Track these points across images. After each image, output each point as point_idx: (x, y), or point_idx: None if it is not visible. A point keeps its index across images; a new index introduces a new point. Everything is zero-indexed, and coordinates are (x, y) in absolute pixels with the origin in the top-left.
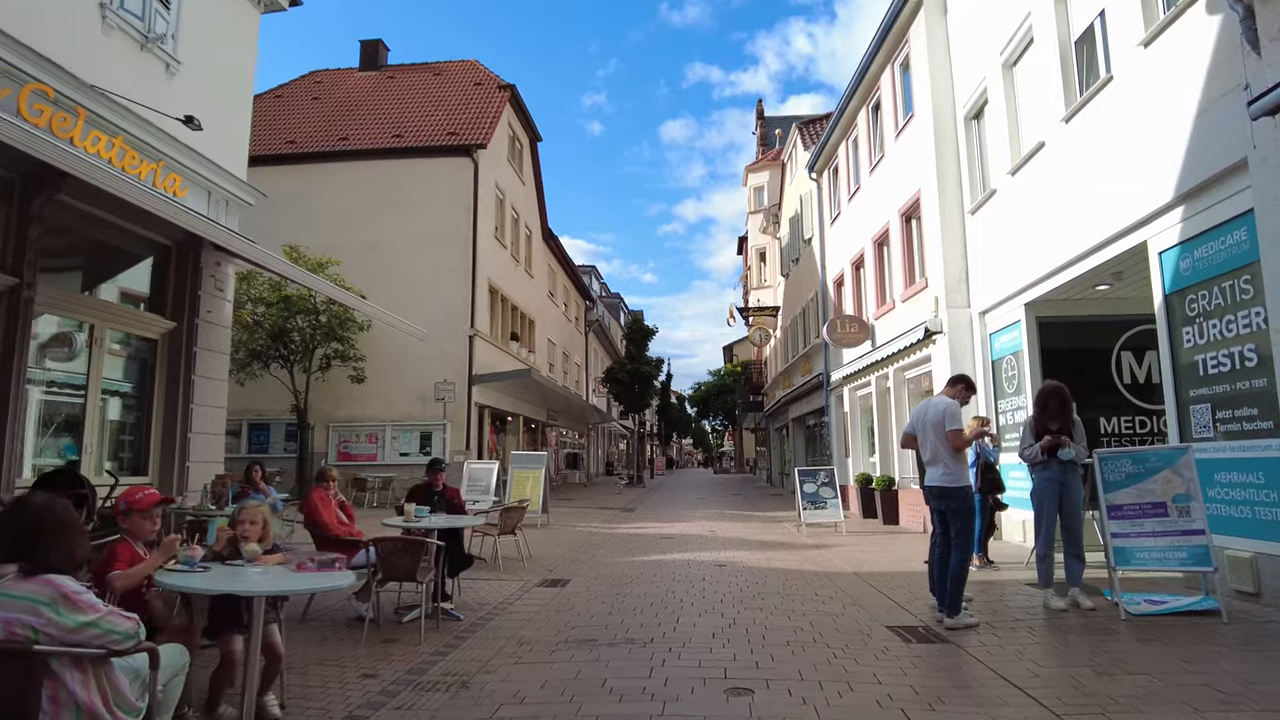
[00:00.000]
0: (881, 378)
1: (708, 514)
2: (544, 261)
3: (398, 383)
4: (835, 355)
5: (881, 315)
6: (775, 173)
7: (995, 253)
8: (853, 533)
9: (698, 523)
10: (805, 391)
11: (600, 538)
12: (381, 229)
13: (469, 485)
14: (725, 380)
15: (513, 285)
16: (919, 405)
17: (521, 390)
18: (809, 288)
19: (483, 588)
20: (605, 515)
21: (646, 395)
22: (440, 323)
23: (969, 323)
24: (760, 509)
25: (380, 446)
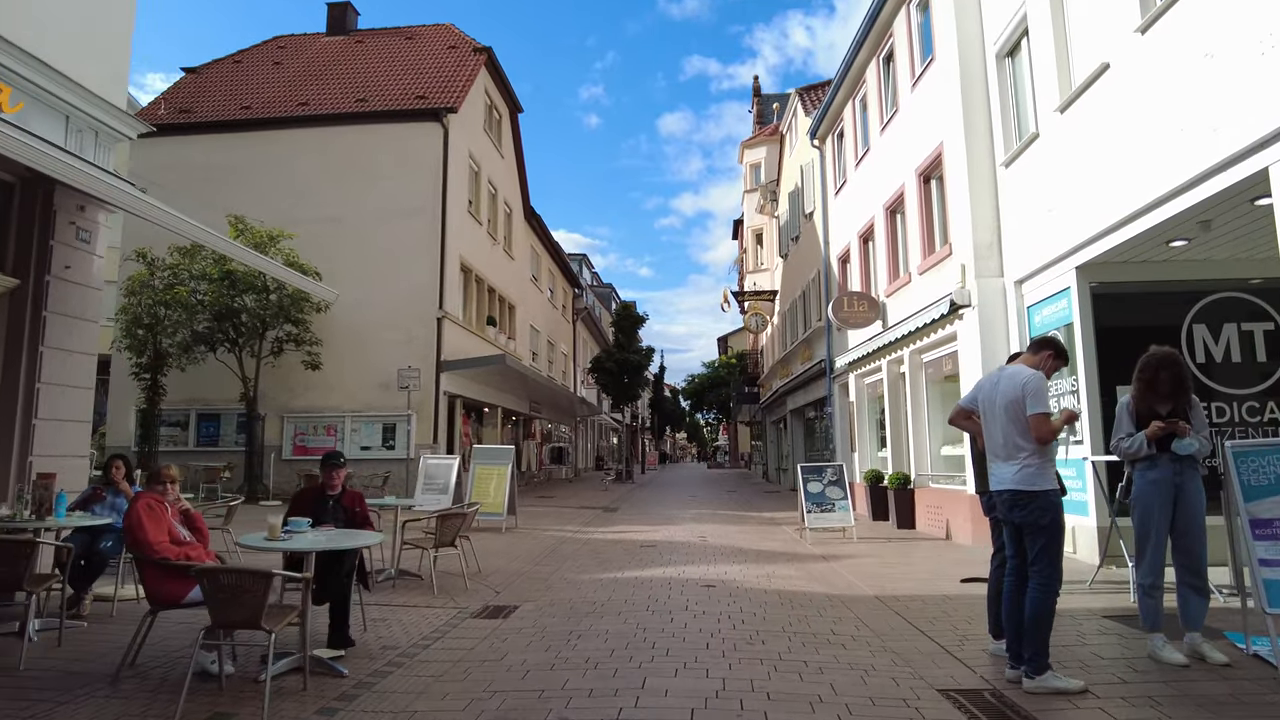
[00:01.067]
0: (894, 362)
1: (698, 515)
2: (526, 243)
3: (359, 369)
4: (840, 339)
5: (894, 291)
6: (773, 148)
7: (1036, 209)
8: (864, 539)
9: (686, 526)
10: (805, 380)
11: (571, 545)
12: (342, 201)
13: (425, 484)
14: (719, 372)
15: (489, 265)
16: (988, 375)
17: (499, 379)
18: (810, 267)
19: (402, 619)
20: (584, 516)
21: (636, 386)
22: (406, 304)
23: (1002, 294)
24: (756, 509)
25: (340, 439)
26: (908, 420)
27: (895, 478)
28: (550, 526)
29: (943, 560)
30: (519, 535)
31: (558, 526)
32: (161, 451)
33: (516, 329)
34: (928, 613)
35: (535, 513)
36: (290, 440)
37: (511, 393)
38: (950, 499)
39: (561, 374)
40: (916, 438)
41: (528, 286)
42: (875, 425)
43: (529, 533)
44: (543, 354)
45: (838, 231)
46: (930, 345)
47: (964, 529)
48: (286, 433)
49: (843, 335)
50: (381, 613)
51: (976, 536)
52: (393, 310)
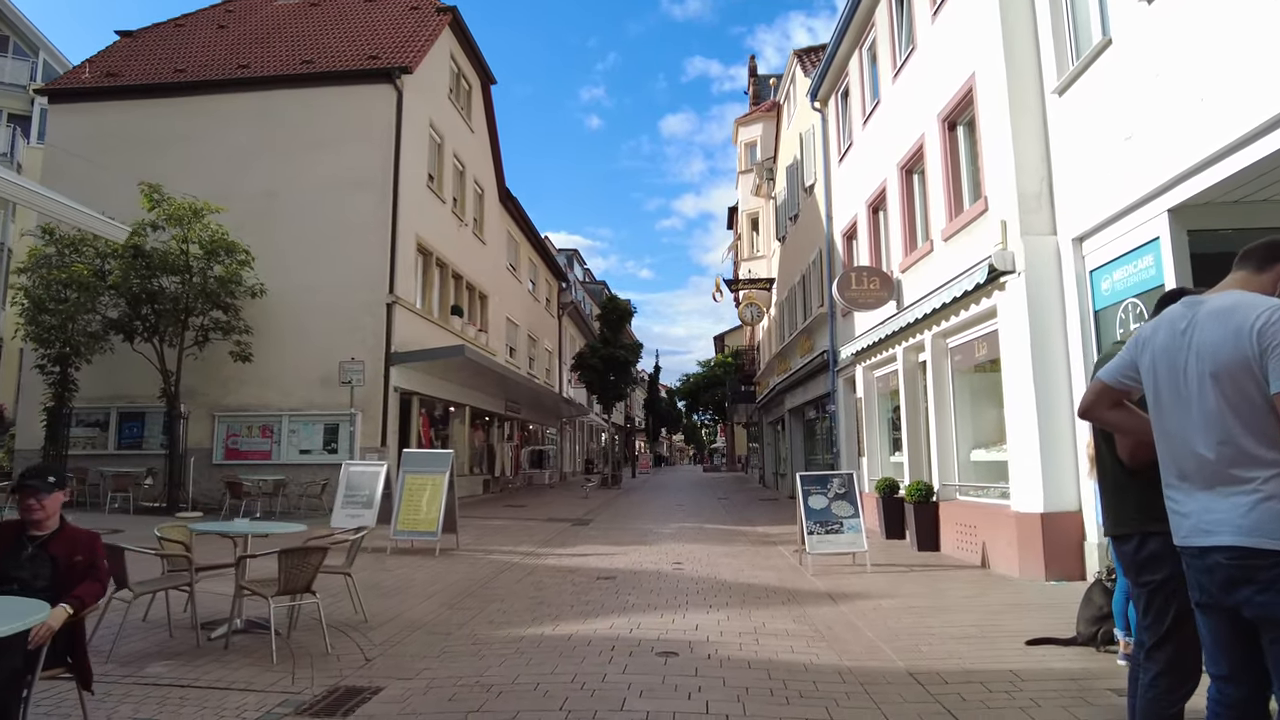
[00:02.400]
0: (912, 349)
1: (680, 530)
2: (501, 228)
3: (298, 362)
4: (845, 326)
5: (912, 265)
6: (769, 124)
7: (1105, 141)
8: (880, 567)
9: (664, 546)
10: (805, 375)
11: (511, 577)
12: (282, 173)
13: (346, 496)
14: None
15: (455, 249)
16: (1159, 319)
17: (464, 374)
18: (810, 247)
19: (178, 715)
20: (547, 532)
21: (623, 384)
22: (352, 288)
23: (1054, 256)
24: (749, 520)
25: (276, 442)
26: (929, 419)
27: (915, 489)
28: (499, 547)
29: (989, 601)
30: (453, 560)
31: (508, 547)
32: (74, 455)
33: (489, 321)
34: (994, 705)
35: (491, 528)
36: (222, 442)
37: (483, 391)
38: (987, 517)
39: (545, 372)
40: (941, 440)
41: (503, 276)
42: (887, 425)
43: (468, 557)
44: (522, 349)
45: (842, 204)
46: (959, 326)
47: (1007, 556)
48: (218, 434)
49: (848, 322)
50: (159, 702)
51: (1026, 567)
52: (337, 295)
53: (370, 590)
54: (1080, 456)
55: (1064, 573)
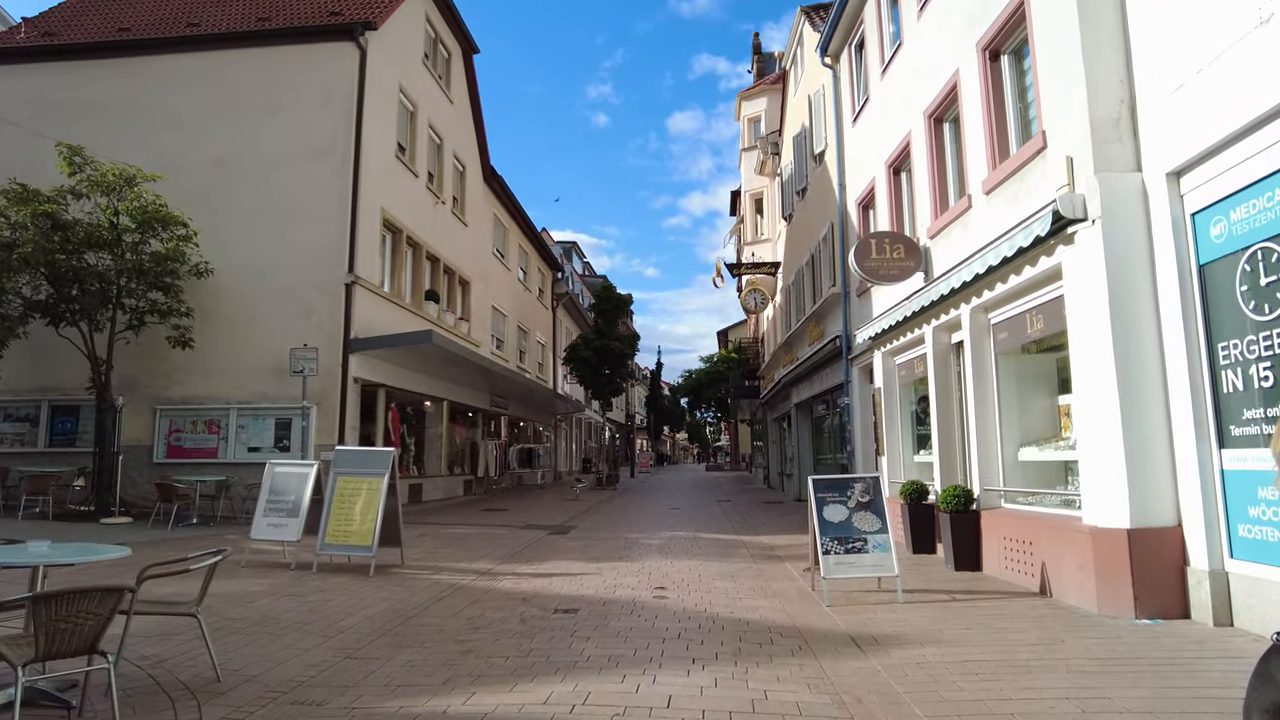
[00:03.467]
0: (945, 328)
1: (671, 541)
2: (486, 210)
3: (248, 350)
4: (861, 307)
5: (943, 229)
6: (774, 98)
7: (1217, 37)
8: (914, 595)
9: (648, 562)
10: (814, 366)
11: (446, 608)
12: (232, 141)
13: (270, 502)
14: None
15: (430, 228)
16: None
17: (439, 365)
18: (820, 222)
19: None
20: (517, 543)
21: (618, 378)
22: (307, 266)
23: (1140, 196)
24: (752, 528)
25: (223, 439)
26: (966, 410)
27: (951, 495)
28: (451, 564)
29: (1072, 651)
30: (388, 582)
31: (462, 564)
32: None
33: (472, 309)
34: None
35: (453, 537)
36: (163, 439)
37: (464, 384)
38: (1047, 531)
39: (538, 366)
40: (982, 435)
41: (489, 261)
42: (911, 419)
43: (408, 577)
44: (511, 342)
45: (857, 168)
46: (1006, 296)
47: (1078, 582)
48: (159, 429)
49: (865, 301)
50: None
51: (1108, 598)
52: (292, 275)
53: (258, 627)
54: (1183, 457)
55: (1160, 608)
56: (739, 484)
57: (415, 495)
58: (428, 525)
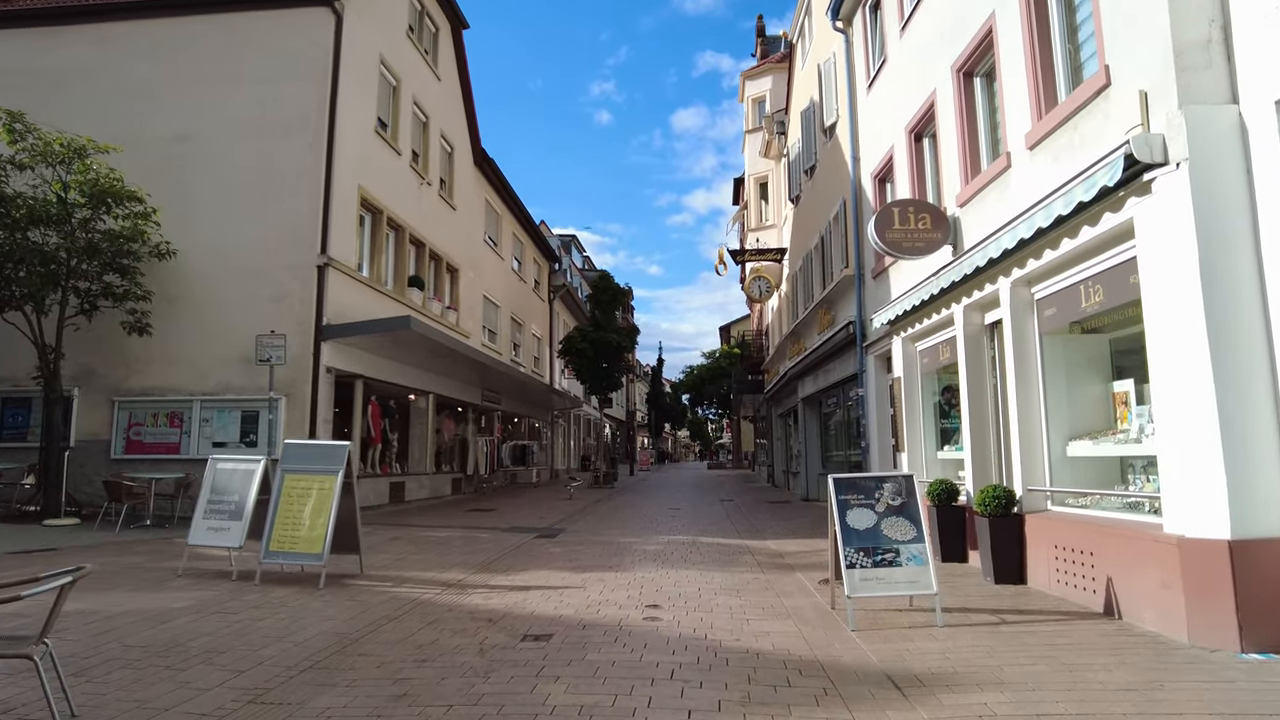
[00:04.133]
0: (978, 306)
1: (668, 546)
2: (477, 195)
3: (214, 337)
4: (877, 290)
5: (975, 195)
6: (780, 77)
7: None
8: (955, 617)
9: (641, 572)
10: (824, 356)
11: (396, 631)
12: (196, 114)
13: (211, 503)
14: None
15: (415, 211)
16: None
17: (423, 356)
18: (831, 200)
19: None
20: (497, 549)
21: (615, 372)
22: (277, 247)
23: (1236, 133)
24: (758, 530)
25: (186, 432)
26: (1004, 399)
27: (990, 496)
28: (418, 573)
29: (1179, 701)
30: (337, 596)
31: (430, 574)
32: None
33: (461, 298)
34: None
35: (429, 542)
36: (121, 433)
37: (452, 377)
38: (1113, 540)
39: (534, 360)
40: (1025, 428)
41: (480, 249)
42: (934, 411)
43: (364, 590)
44: (504, 334)
45: (872, 139)
46: (1057, 265)
47: (1160, 605)
48: (118, 422)
49: (882, 283)
50: None
51: (1202, 626)
52: (261, 257)
53: (156, 659)
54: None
55: (1273, 639)
56: (742, 482)
57: (397, 494)
58: (405, 527)
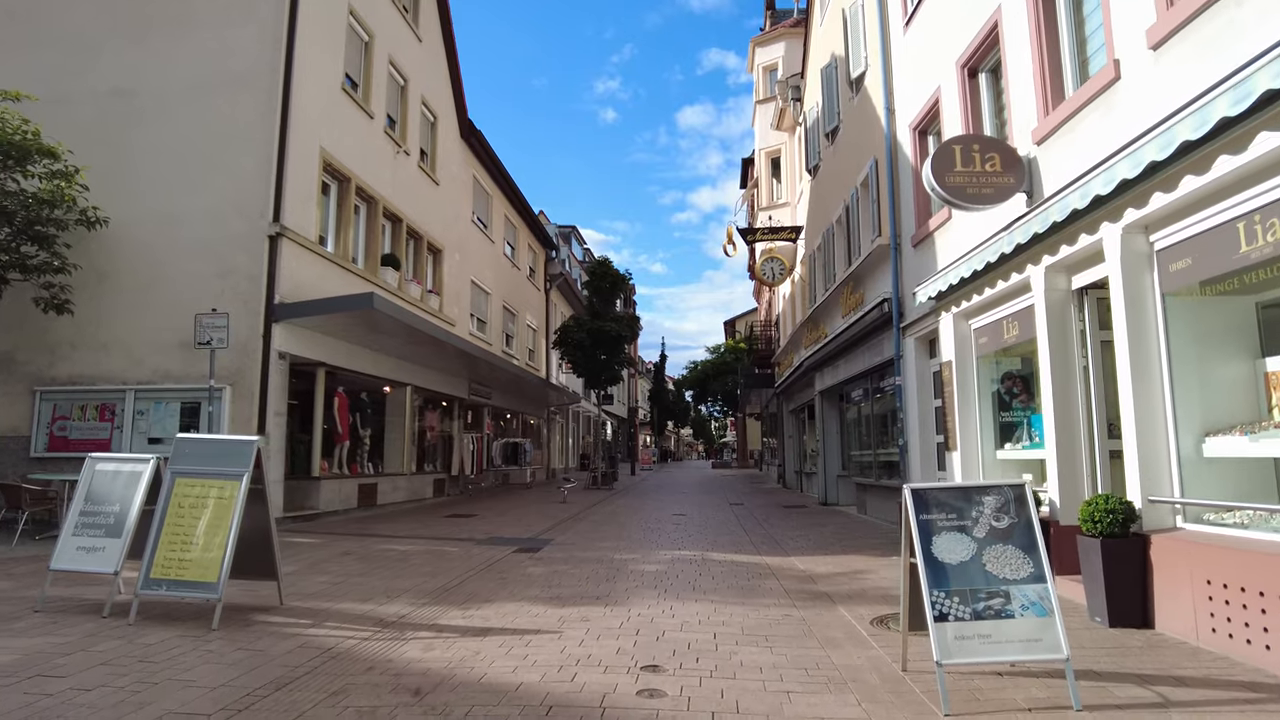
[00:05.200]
0: (1061, 268)
1: (675, 565)
2: (464, 170)
3: (150, 318)
4: (918, 261)
5: (1062, 125)
6: (794, 42)
7: None
8: (1088, 688)
9: (638, 607)
10: (850, 342)
11: (281, 705)
12: (134, 66)
13: (84, 516)
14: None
15: (389, 181)
16: None
17: (400, 344)
18: (857, 164)
19: None
20: (462, 568)
21: (615, 364)
22: (223, 216)
23: None
24: (778, 543)
25: (119, 427)
26: (1097, 384)
27: (1102, 509)
28: (353, 604)
29: None
30: (227, 644)
31: (370, 604)
32: None
33: (444, 282)
34: None
35: (381, 559)
36: (44, 427)
37: (435, 368)
38: None
39: (528, 352)
40: (1143, 419)
41: (468, 231)
42: (992, 402)
43: (269, 632)
44: (495, 323)
45: (912, 83)
46: (1198, 200)
47: None
48: (40, 415)
49: (923, 252)
50: None
51: None
52: (204, 226)
53: None
54: None
55: None
56: (750, 484)
57: (367, 498)
58: (365, 538)
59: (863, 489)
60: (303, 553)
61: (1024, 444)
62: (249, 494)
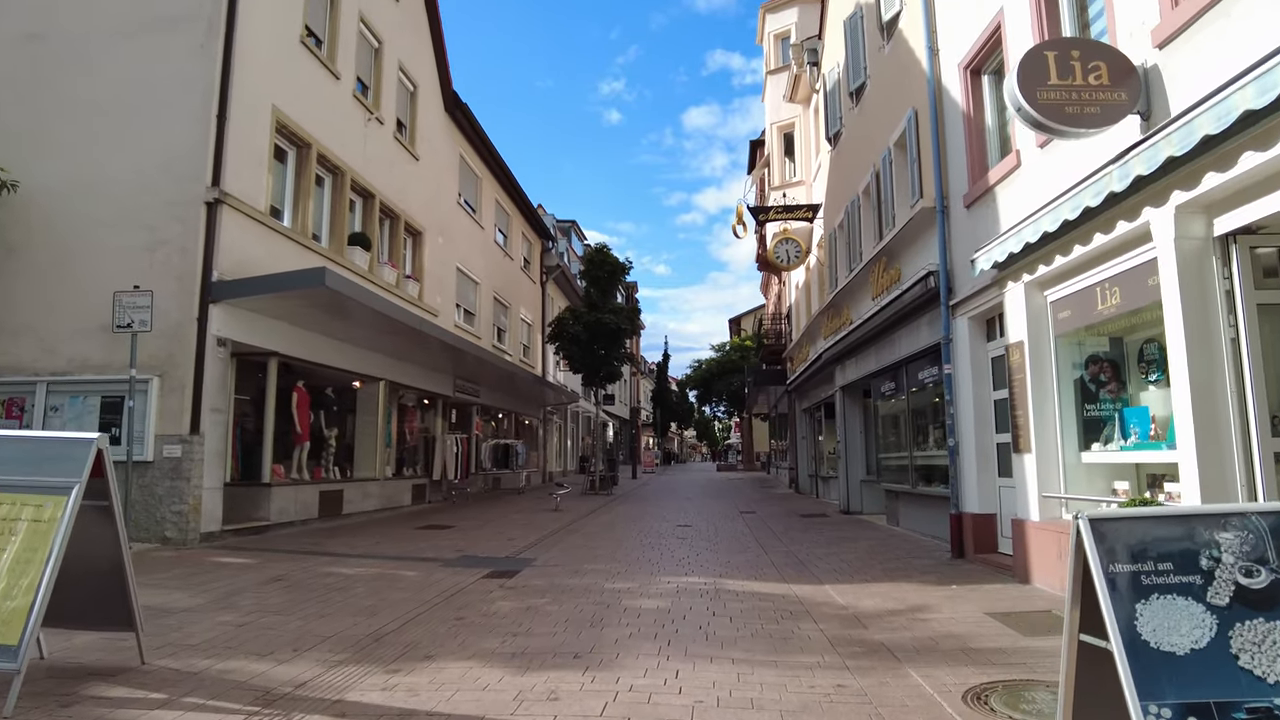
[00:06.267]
0: (1198, 208)
1: (680, 596)
2: (448, 147)
3: (65, 299)
4: (973, 223)
5: (1196, 20)
6: (807, 6)
7: None
8: None
9: (634, 672)
10: (881, 328)
11: None
12: (47, 6)
13: None
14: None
15: (359, 151)
16: None
17: (369, 333)
18: (892, 118)
19: None
20: (418, 599)
21: (614, 360)
22: (151, 179)
23: None
24: (803, 564)
25: (28, 424)
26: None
27: None
28: (243, 661)
29: None
30: None
31: (267, 662)
32: None
33: (425, 267)
34: None
35: (325, 584)
36: None
37: (415, 362)
38: None
39: (522, 348)
40: None
41: (452, 212)
42: (1075, 393)
43: (91, 715)
44: (485, 315)
45: (960, 15)
46: None
47: None
48: None
49: (982, 211)
50: None
51: None
52: (131, 193)
53: None
54: None
55: None
56: (759, 488)
57: (331, 507)
58: (311, 557)
59: (894, 496)
60: (221, 579)
61: (1120, 444)
62: (89, 513)
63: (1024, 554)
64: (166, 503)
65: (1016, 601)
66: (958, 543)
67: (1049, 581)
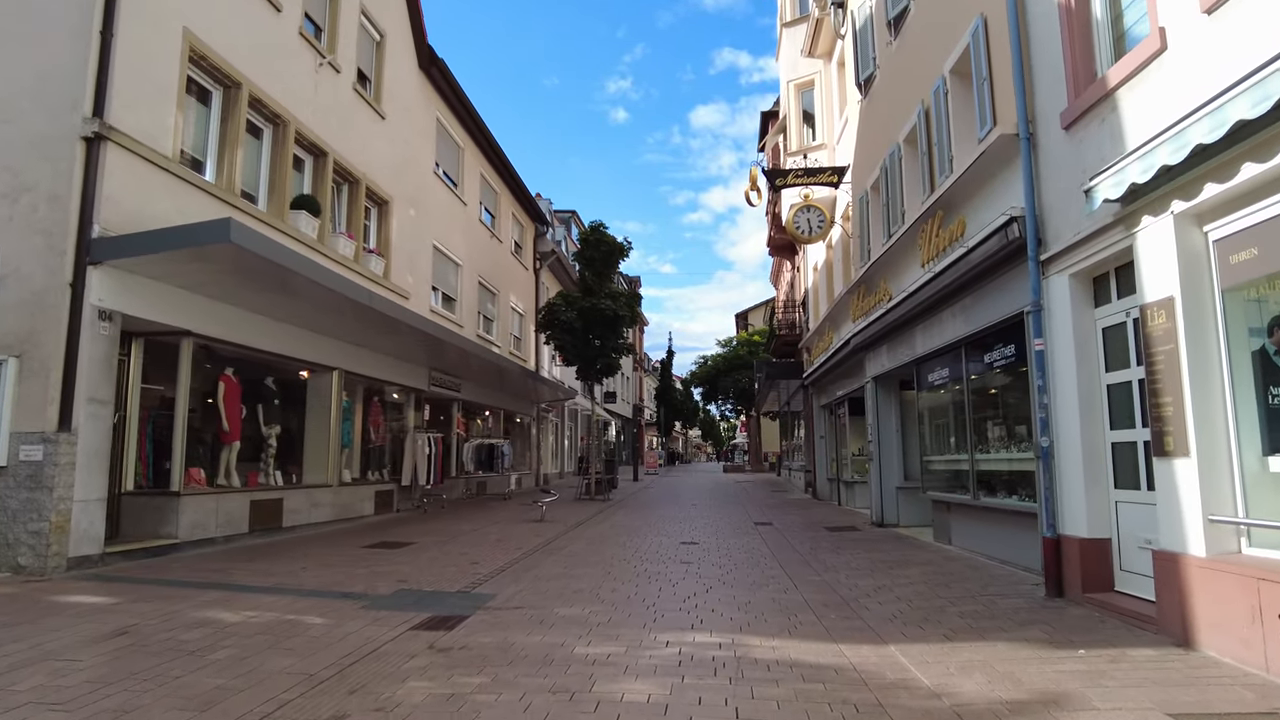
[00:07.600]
0: None
1: (685, 675)
2: (423, 108)
3: None
4: (1078, 148)
5: None
6: None
7: None
8: None
9: None
10: (935, 300)
11: None
12: None
13: None
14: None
15: (308, 101)
16: None
17: (326, 315)
18: (949, 36)
19: None
20: (302, 671)
21: (610, 350)
22: (12, 110)
23: None
24: (849, 605)
25: None
26: None
27: None
28: None
29: None
30: None
31: None
32: None
33: (393, 242)
34: None
35: (172, 650)
36: None
37: (381, 350)
38: None
39: (513, 339)
40: None
41: (428, 184)
42: (1253, 371)
43: None
44: (468, 301)
45: None
46: None
47: None
48: None
49: (1087, 133)
50: None
51: None
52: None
53: None
54: None
55: None
56: (772, 493)
57: (267, 518)
58: (200, 592)
59: (944, 508)
60: (37, 633)
61: None
62: None
63: (1179, 603)
64: (21, 520)
65: (1197, 686)
66: (1055, 577)
67: (1232, 650)
